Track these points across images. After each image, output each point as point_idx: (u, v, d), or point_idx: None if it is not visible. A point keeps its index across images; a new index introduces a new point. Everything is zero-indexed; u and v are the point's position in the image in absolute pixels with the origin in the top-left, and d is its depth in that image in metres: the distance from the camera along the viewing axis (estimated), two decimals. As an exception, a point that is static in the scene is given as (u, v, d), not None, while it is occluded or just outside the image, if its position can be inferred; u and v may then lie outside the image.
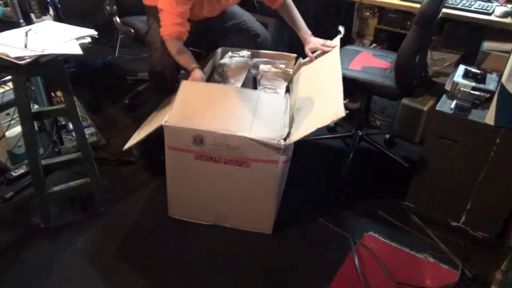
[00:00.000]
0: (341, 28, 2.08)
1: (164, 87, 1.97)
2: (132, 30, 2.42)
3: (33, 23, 1.87)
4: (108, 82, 3.07)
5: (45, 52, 1.44)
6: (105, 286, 1.57)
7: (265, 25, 2.82)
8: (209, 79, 2.04)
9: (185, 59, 1.86)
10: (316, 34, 2.11)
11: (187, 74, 1.89)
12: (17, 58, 1.38)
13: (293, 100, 1.97)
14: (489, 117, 1.60)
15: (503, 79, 1.51)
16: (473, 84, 1.73)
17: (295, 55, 2.29)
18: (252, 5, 2.75)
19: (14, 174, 2.04)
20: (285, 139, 1.64)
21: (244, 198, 1.73)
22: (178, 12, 1.77)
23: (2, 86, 1.99)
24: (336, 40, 2.01)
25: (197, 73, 1.83)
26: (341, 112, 1.44)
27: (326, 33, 2.09)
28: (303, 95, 1.90)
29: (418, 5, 1.94)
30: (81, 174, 1.88)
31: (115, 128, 2.48)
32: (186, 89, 1.74)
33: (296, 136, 1.57)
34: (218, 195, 1.75)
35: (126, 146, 1.79)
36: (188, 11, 1.81)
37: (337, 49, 1.93)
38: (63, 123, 2.30)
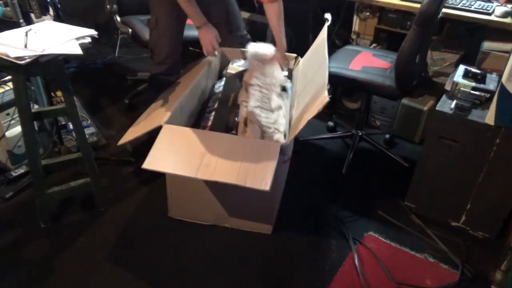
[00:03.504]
0: (328, 16, 2.09)
1: (164, 88, 1.98)
2: (130, 30, 2.42)
3: (33, 23, 1.88)
4: (108, 82, 3.07)
5: (45, 52, 1.44)
6: (105, 286, 1.57)
7: (265, 25, 2.83)
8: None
9: (194, 12, 1.78)
10: (316, 34, 2.12)
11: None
12: (17, 58, 1.38)
13: (293, 98, 1.98)
14: (489, 117, 1.60)
15: (503, 79, 1.51)
16: (473, 84, 1.73)
17: (295, 55, 2.30)
18: (252, 5, 2.75)
19: (14, 174, 2.04)
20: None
21: (244, 198, 1.73)
22: None
23: (2, 86, 1.99)
24: (324, 28, 2.02)
25: (208, 31, 1.76)
26: (324, 99, 1.45)
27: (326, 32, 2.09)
28: (299, 92, 1.91)
29: (418, 5, 1.94)
30: (81, 174, 1.87)
31: (115, 128, 2.48)
32: (167, 133, 1.60)
33: (292, 134, 1.57)
34: (218, 196, 1.75)
35: (121, 142, 1.79)
36: None
37: (324, 38, 1.93)
38: (63, 123, 2.30)
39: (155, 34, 1.92)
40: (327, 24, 2.04)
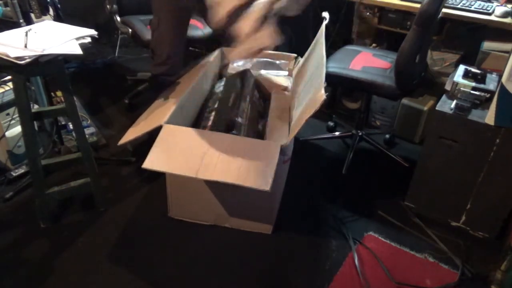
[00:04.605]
0: (326, 14, 2.09)
1: (164, 88, 1.98)
2: (130, 30, 2.42)
3: (33, 23, 1.87)
4: (108, 82, 3.07)
5: (45, 52, 1.44)
6: (105, 286, 1.57)
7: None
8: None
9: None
10: (316, 33, 2.12)
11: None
12: (17, 58, 1.38)
13: (294, 98, 1.98)
14: (489, 117, 1.60)
15: (503, 79, 1.51)
16: (473, 84, 1.73)
17: (295, 55, 2.30)
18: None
19: (14, 174, 2.04)
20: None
21: (244, 198, 1.73)
22: None
23: (2, 86, 1.99)
24: (322, 27, 2.02)
25: None
26: (321, 97, 1.46)
27: (326, 32, 2.09)
28: (299, 92, 1.91)
29: (418, 5, 1.93)
30: (81, 174, 1.87)
31: (115, 128, 2.48)
32: (167, 133, 1.60)
33: (291, 134, 1.57)
34: (218, 196, 1.75)
35: (121, 142, 1.78)
36: None
37: (322, 37, 1.94)
38: (63, 123, 2.30)
39: (156, 35, 1.92)
40: (325, 22, 2.04)
